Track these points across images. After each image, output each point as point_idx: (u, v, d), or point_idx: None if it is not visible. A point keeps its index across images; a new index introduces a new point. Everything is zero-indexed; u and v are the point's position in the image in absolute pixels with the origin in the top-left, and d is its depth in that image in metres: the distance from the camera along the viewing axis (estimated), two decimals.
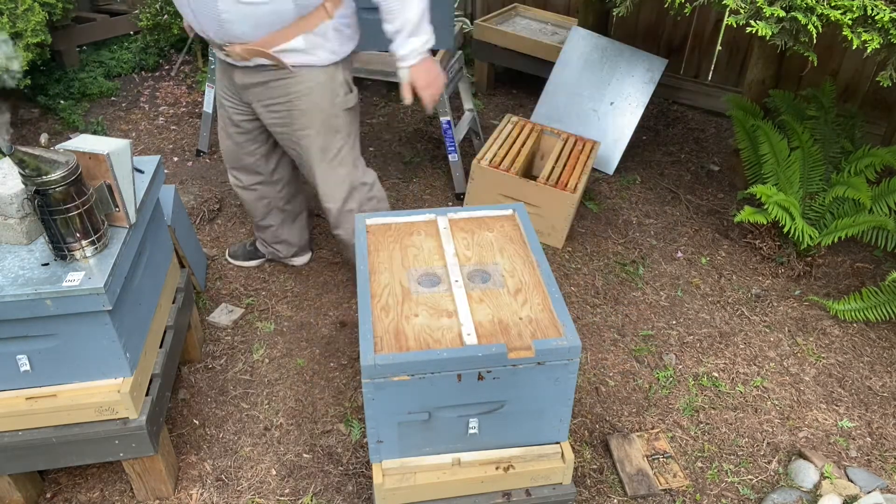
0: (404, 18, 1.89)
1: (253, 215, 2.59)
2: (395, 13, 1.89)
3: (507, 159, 2.98)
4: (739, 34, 3.89)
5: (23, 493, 1.84)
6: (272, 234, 2.65)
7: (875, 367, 2.43)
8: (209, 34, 1.97)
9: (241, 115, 2.26)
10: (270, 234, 2.65)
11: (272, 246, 2.71)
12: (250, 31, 1.91)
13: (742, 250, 2.99)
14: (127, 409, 1.69)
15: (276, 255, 2.76)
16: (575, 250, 2.98)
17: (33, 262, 1.57)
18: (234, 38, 1.93)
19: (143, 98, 4.10)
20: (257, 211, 2.55)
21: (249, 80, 2.08)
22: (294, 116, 2.11)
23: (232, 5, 1.84)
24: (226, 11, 1.85)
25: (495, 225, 1.86)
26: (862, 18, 2.11)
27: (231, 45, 1.96)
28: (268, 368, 2.35)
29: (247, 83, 2.09)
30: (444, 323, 1.52)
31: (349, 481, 1.99)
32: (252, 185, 2.46)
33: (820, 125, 2.98)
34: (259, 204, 2.52)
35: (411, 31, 1.92)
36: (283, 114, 2.12)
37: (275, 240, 2.68)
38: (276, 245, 2.70)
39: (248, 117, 2.26)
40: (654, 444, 2.10)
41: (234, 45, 1.95)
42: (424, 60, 2.00)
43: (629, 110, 3.51)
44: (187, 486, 1.96)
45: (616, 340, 2.52)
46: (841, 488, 1.96)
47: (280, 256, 2.76)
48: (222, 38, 1.94)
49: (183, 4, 1.94)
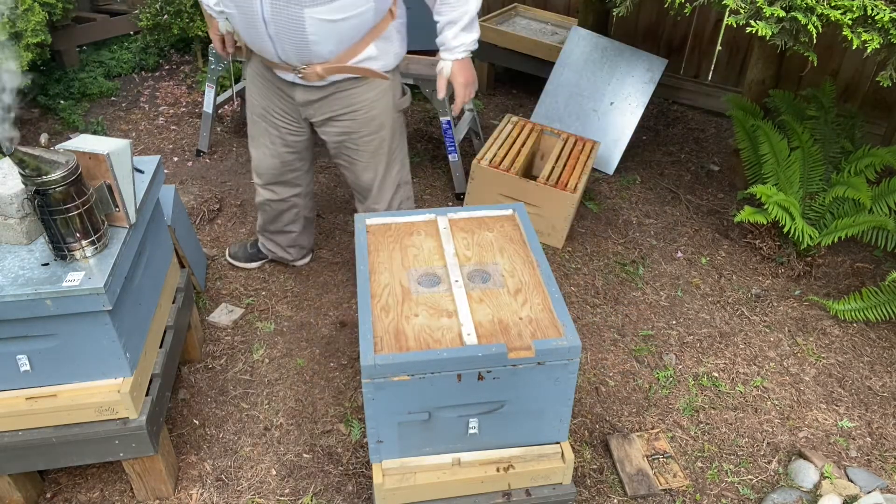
0: (463, 10, 1.88)
1: (273, 223, 2.54)
2: (453, 4, 1.87)
3: (507, 159, 2.98)
4: (739, 34, 3.89)
5: (23, 493, 1.84)
6: (291, 239, 2.62)
7: (875, 367, 2.43)
8: (288, 57, 1.92)
9: (295, 136, 2.24)
10: (289, 240, 2.62)
11: (287, 250, 2.67)
12: (334, 49, 1.89)
13: (742, 250, 2.99)
14: (127, 409, 1.69)
15: (285, 259, 2.72)
16: (575, 250, 2.98)
17: (33, 262, 1.57)
18: (318, 59, 1.91)
19: (143, 98, 4.10)
20: (283, 219, 2.52)
21: (313, 95, 2.05)
22: (361, 124, 2.11)
23: (319, 25, 1.80)
24: (314, 33, 1.82)
25: (495, 225, 1.86)
26: (862, 18, 2.11)
27: (310, 67, 1.93)
28: (268, 368, 2.35)
29: (310, 99, 2.07)
30: (444, 323, 1.52)
31: (349, 481, 1.99)
32: (288, 197, 2.43)
33: (820, 125, 2.98)
34: (288, 214, 2.50)
35: (466, 24, 1.91)
36: (348, 123, 2.11)
37: (291, 244, 2.65)
38: (291, 249, 2.67)
39: (303, 137, 2.25)
40: (654, 444, 2.10)
41: (313, 67, 1.93)
42: (467, 58, 2.00)
43: (629, 110, 3.51)
44: (187, 486, 1.96)
45: (616, 340, 2.52)
46: (841, 488, 1.96)
47: (289, 259, 2.73)
48: (305, 60, 1.91)
49: (256, 34, 1.88)
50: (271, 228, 2.58)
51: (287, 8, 1.78)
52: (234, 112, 3.96)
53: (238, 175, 3.40)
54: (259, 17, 1.83)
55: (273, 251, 2.70)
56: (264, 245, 2.70)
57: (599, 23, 3.90)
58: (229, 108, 3.97)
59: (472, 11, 1.90)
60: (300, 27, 1.81)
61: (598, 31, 3.70)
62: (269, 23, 1.83)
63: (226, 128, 3.84)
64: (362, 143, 2.16)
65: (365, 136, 2.14)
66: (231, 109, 3.97)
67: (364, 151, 2.19)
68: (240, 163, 3.50)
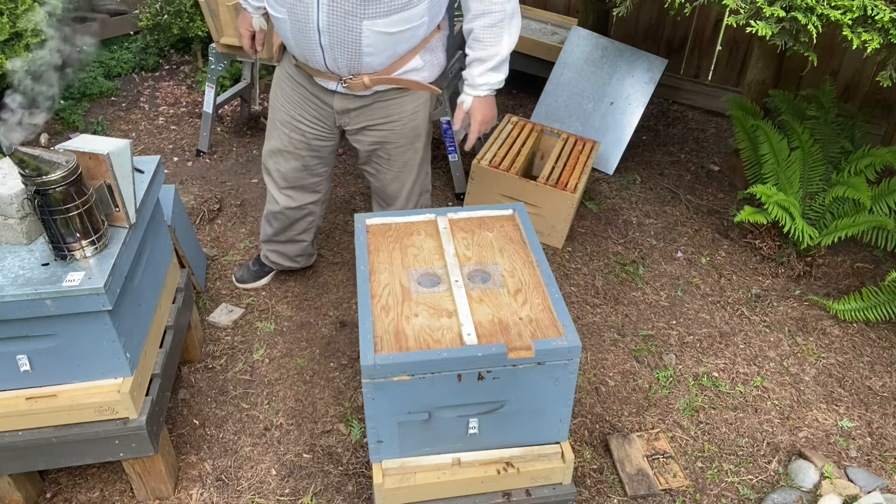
0: (494, 52, 1.87)
1: (284, 231, 2.47)
2: (485, 43, 1.86)
3: (507, 159, 2.98)
4: (739, 34, 3.89)
5: (23, 493, 1.84)
6: (301, 248, 2.56)
7: (875, 367, 2.43)
8: (337, 68, 1.91)
9: (321, 141, 2.20)
10: (298, 249, 2.56)
11: (294, 259, 2.61)
12: (386, 60, 1.88)
13: (742, 250, 2.99)
14: (127, 409, 1.69)
15: (292, 268, 2.66)
16: (575, 250, 2.97)
17: (33, 262, 1.57)
18: (368, 69, 1.90)
19: (143, 98, 4.10)
20: (296, 227, 2.46)
21: (353, 104, 2.04)
22: (399, 134, 2.10)
23: (377, 38, 1.80)
24: (369, 45, 1.81)
25: (495, 225, 1.86)
26: (862, 18, 2.11)
27: (357, 77, 1.92)
28: (268, 368, 2.35)
29: (349, 107, 2.06)
30: (444, 323, 1.52)
31: (349, 481, 1.99)
32: (305, 204, 2.38)
33: (820, 125, 2.98)
34: (302, 222, 2.45)
35: (495, 65, 1.90)
36: (385, 133, 2.10)
37: (299, 253, 2.59)
38: (298, 258, 2.61)
39: (330, 143, 2.22)
40: (654, 444, 2.10)
41: (361, 77, 1.92)
42: (491, 96, 1.99)
43: (629, 110, 3.51)
44: (187, 486, 1.96)
45: (616, 340, 2.52)
46: (841, 488, 1.96)
47: (296, 266, 2.66)
48: (354, 70, 1.90)
49: (307, 41, 1.85)
50: (281, 238, 2.50)
51: (345, 19, 1.75)
52: (234, 112, 3.96)
53: (238, 175, 3.40)
54: (314, 25, 1.79)
55: (278, 262, 2.61)
56: (267, 258, 2.61)
57: (599, 23, 3.90)
58: (229, 108, 3.97)
59: (503, 54, 1.89)
60: (356, 38, 1.80)
61: (598, 31, 3.70)
62: (323, 32, 1.80)
63: (226, 128, 3.84)
64: (396, 153, 2.16)
65: (401, 146, 2.14)
66: (231, 109, 3.97)
67: (396, 161, 2.18)
68: (240, 163, 3.50)
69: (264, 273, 2.69)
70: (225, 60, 3.31)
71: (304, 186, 2.33)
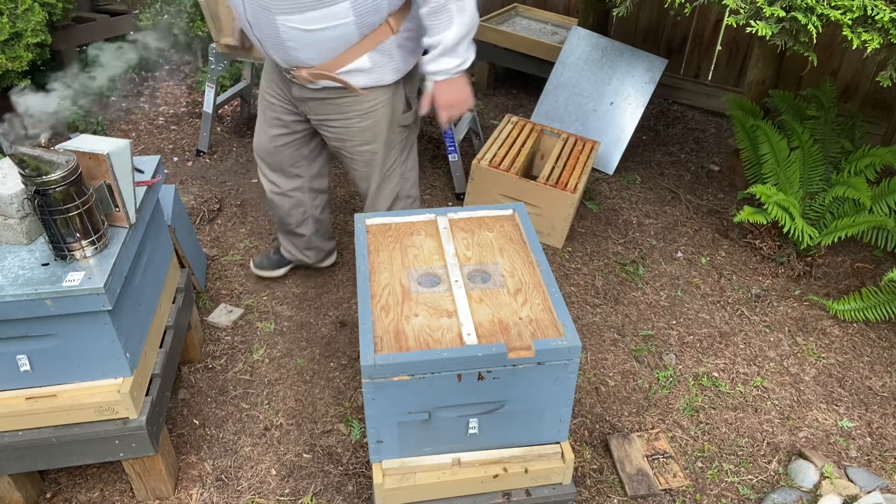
0: (441, 37, 1.87)
1: (286, 223, 2.50)
2: (432, 30, 1.87)
3: (507, 159, 2.98)
4: (739, 34, 3.89)
5: (23, 493, 1.84)
6: (305, 241, 2.59)
7: (875, 367, 2.43)
8: (276, 60, 1.96)
9: (291, 116, 2.21)
10: (304, 242, 2.59)
11: (304, 252, 2.63)
12: (316, 56, 1.89)
13: (742, 250, 2.99)
14: (127, 410, 1.69)
15: (304, 262, 2.68)
16: (575, 250, 2.98)
17: (33, 262, 1.57)
18: (301, 63, 1.92)
19: (143, 98, 4.10)
20: (292, 218, 2.48)
21: (306, 94, 2.05)
22: (352, 133, 2.10)
23: (295, 33, 1.82)
24: (290, 40, 1.84)
25: (495, 225, 1.86)
26: (862, 18, 2.11)
27: (297, 70, 1.94)
28: (268, 368, 2.35)
29: (304, 97, 2.07)
30: (444, 323, 1.52)
31: (349, 481, 1.99)
32: (290, 190, 2.38)
33: (820, 125, 2.98)
34: (296, 212, 2.45)
35: (444, 51, 1.89)
36: (340, 130, 2.10)
37: (307, 246, 2.61)
38: (307, 252, 2.63)
39: (299, 118, 2.21)
40: (654, 444, 2.10)
41: (300, 70, 1.94)
42: (453, 80, 1.97)
43: (629, 110, 3.51)
44: (187, 486, 1.96)
45: (616, 340, 2.52)
46: (841, 488, 1.96)
47: (309, 262, 2.69)
48: (289, 63, 1.94)
49: (249, 33, 1.94)
50: (284, 229, 2.56)
51: (264, 14, 1.80)
52: (234, 112, 3.96)
53: (238, 175, 3.40)
54: (244, 18, 1.87)
55: (292, 253, 2.64)
56: (284, 248, 2.65)
57: (599, 23, 3.90)
58: (229, 108, 3.97)
59: (448, 41, 1.87)
60: (276, 33, 1.84)
61: (598, 31, 3.70)
62: (252, 25, 1.87)
63: (226, 128, 3.84)
64: (355, 152, 2.15)
65: (357, 146, 2.13)
66: (231, 109, 3.97)
67: (357, 161, 2.18)
68: (240, 163, 3.50)
69: (283, 264, 2.73)
70: (225, 60, 3.31)
71: (285, 170, 2.34)
